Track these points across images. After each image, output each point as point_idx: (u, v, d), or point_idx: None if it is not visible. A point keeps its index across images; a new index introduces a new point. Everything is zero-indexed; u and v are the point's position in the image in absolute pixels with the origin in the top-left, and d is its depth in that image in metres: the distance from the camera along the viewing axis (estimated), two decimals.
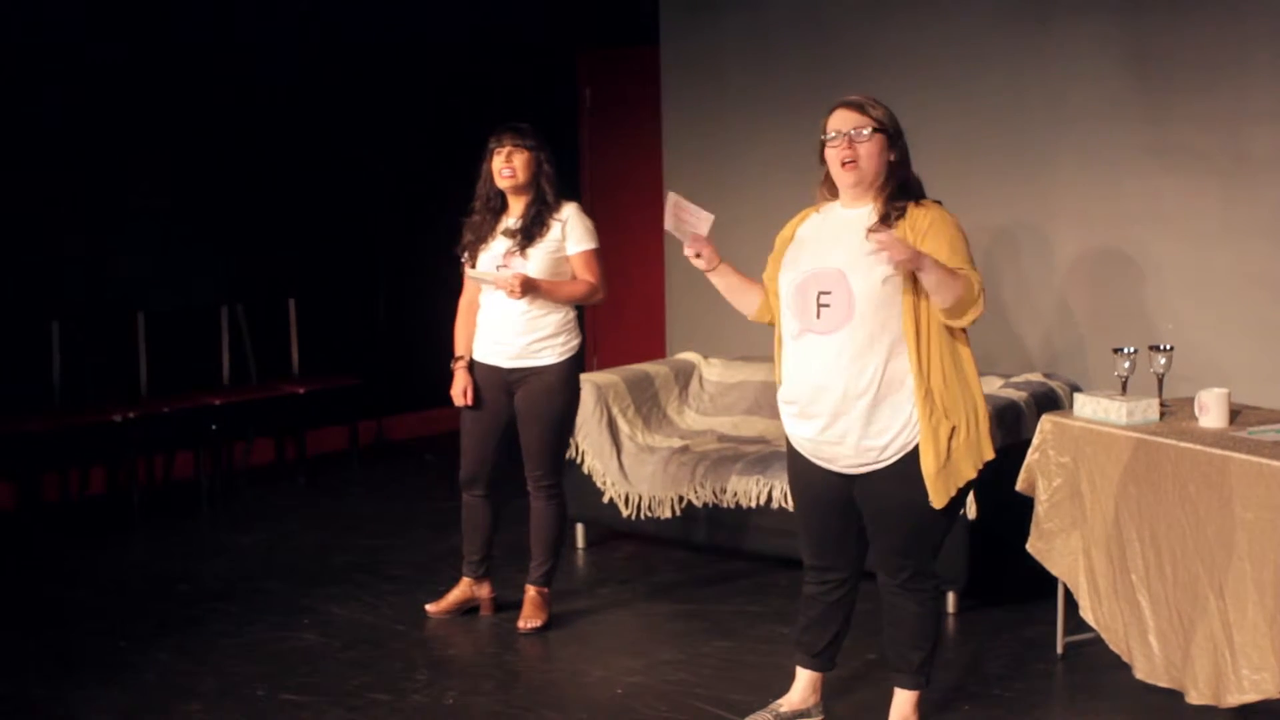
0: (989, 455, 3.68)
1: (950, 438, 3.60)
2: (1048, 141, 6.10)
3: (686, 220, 3.79)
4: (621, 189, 9.02)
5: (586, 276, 4.79)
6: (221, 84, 7.52)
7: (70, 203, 6.97)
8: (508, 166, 4.74)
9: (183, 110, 7.36)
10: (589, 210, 5.05)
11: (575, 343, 4.85)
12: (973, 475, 3.65)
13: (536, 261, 4.72)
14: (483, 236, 4.84)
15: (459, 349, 4.95)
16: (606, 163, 9.15)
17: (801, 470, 3.82)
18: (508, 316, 4.75)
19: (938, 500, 3.60)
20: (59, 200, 6.93)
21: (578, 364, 4.87)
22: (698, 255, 3.80)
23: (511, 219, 4.81)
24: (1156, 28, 5.76)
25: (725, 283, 3.87)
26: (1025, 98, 6.14)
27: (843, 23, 6.69)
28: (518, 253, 4.73)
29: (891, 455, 3.62)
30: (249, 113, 7.65)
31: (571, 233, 4.77)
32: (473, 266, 4.85)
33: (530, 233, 4.74)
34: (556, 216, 4.77)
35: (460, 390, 4.88)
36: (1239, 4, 5.56)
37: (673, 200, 3.78)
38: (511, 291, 4.61)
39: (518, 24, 8.85)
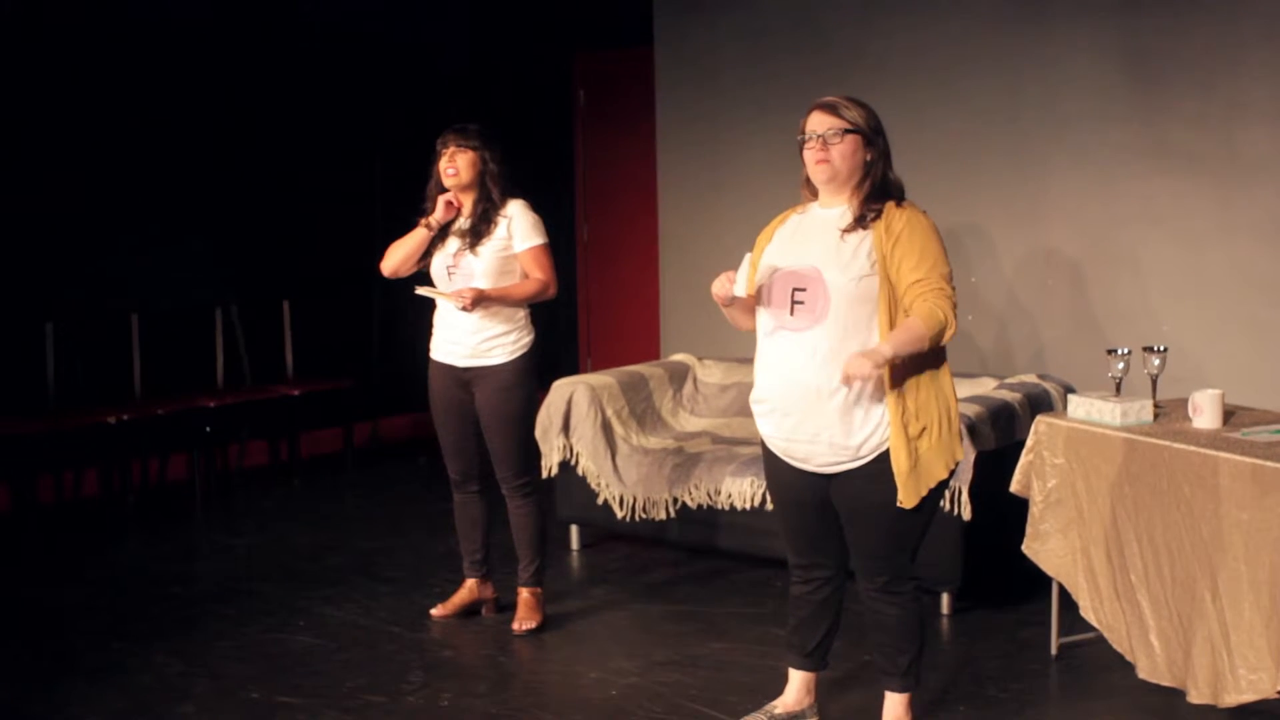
0: (960, 455, 3.70)
1: (920, 437, 3.60)
2: (1042, 142, 6.11)
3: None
4: (617, 190, 9.02)
5: (536, 273, 4.81)
6: (217, 85, 7.52)
7: (65, 204, 6.96)
8: (451, 166, 4.80)
9: (178, 112, 7.36)
10: (583, 210, 5.06)
11: (527, 339, 4.86)
12: (944, 475, 3.66)
13: (486, 259, 4.75)
14: (436, 237, 4.87)
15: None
16: (601, 164, 9.15)
17: (777, 470, 3.83)
18: (459, 315, 4.77)
19: (908, 500, 3.61)
20: (54, 202, 6.92)
21: (531, 360, 4.88)
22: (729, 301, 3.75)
23: (461, 219, 4.84)
24: (1151, 29, 5.77)
25: (732, 311, 3.84)
26: (1020, 99, 6.15)
27: (837, 24, 6.69)
28: (468, 251, 4.76)
29: (866, 455, 3.63)
30: (245, 114, 7.65)
31: (517, 230, 4.80)
32: (428, 267, 4.89)
33: (478, 231, 4.79)
34: (502, 214, 4.80)
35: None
36: (1233, 6, 5.57)
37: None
38: (464, 306, 4.65)
39: (513, 26, 8.85)
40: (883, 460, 3.62)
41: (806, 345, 3.62)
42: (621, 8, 8.23)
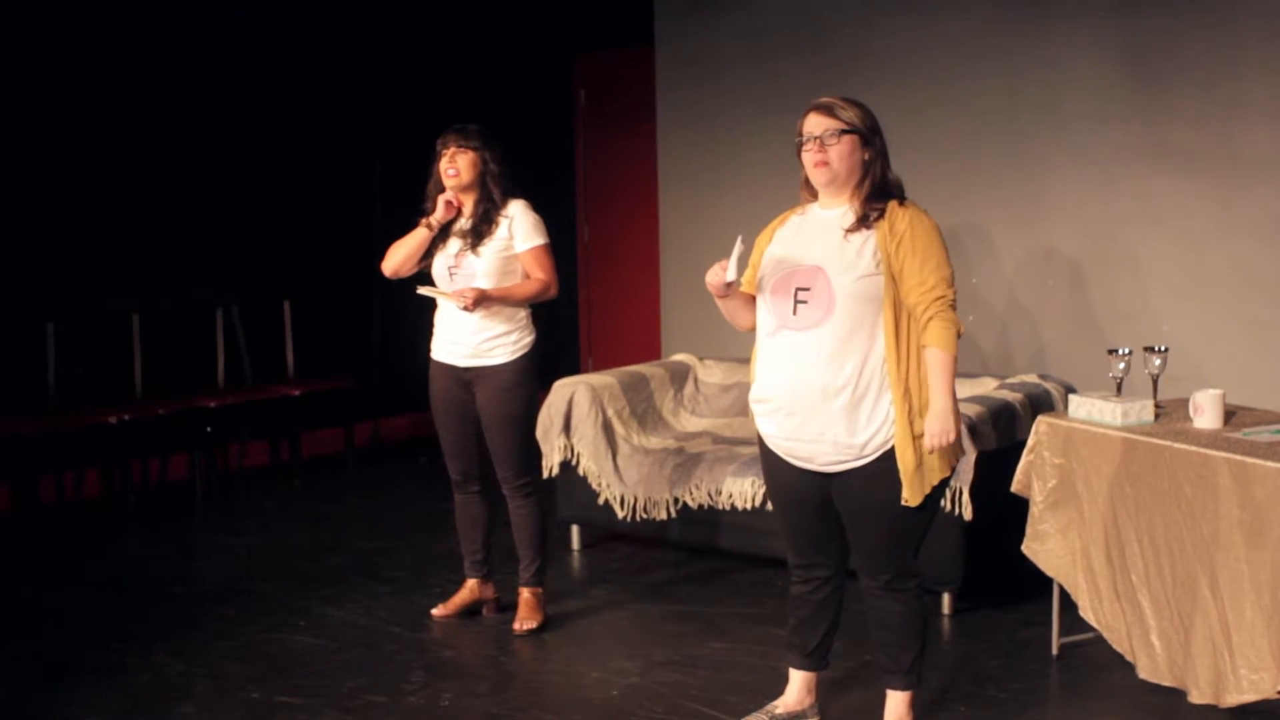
0: (962, 453, 3.73)
1: (924, 434, 3.61)
2: (1043, 142, 6.11)
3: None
4: (617, 190, 9.03)
5: (537, 273, 4.81)
6: (217, 85, 7.52)
7: (66, 204, 6.96)
8: (452, 166, 4.80)
9: (179, 111, 7.36)
10: (584, 210, 5.06)
11: (528, 340, 4.86)
12: (948, 473, 3.67)
13: (488, 259, 4.76)
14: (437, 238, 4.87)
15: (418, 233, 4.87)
16: (602, 164, 9.16)
17: (777, 469, 3.83)
18: (461, 315, 4.78)
19: (913, 497, 3.62)
20: (54, 202, 6.93)
21: (532, 360, 4.88)
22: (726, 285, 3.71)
23: (463, 219, 4.84)
24: (1152, 29, 5.77)
25: (730, 305, 3.85)
26: (1021, 98, 6.15)
27: (838, 24, 6.69)
28: (469, 251, 4.76)
29: (870, 453, 3.63)
30: (245, 114, 7.65)
31: (518, 230, 4.80)
32: (429, 267, 4.89)
33: (479, 231, 4.79)
34: (503, 214, 4.80)
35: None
36: (1233, 5, 5.57)
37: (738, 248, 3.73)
38: (465, 306, 4.65)
39: (513, 26, 8.85)
40: (887, 458, 3.62)
41: (811, 345, 3.62)
42: (621, 8, 8.24)
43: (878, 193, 3.67)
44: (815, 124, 3.68)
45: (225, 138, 7.57)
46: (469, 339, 4.80)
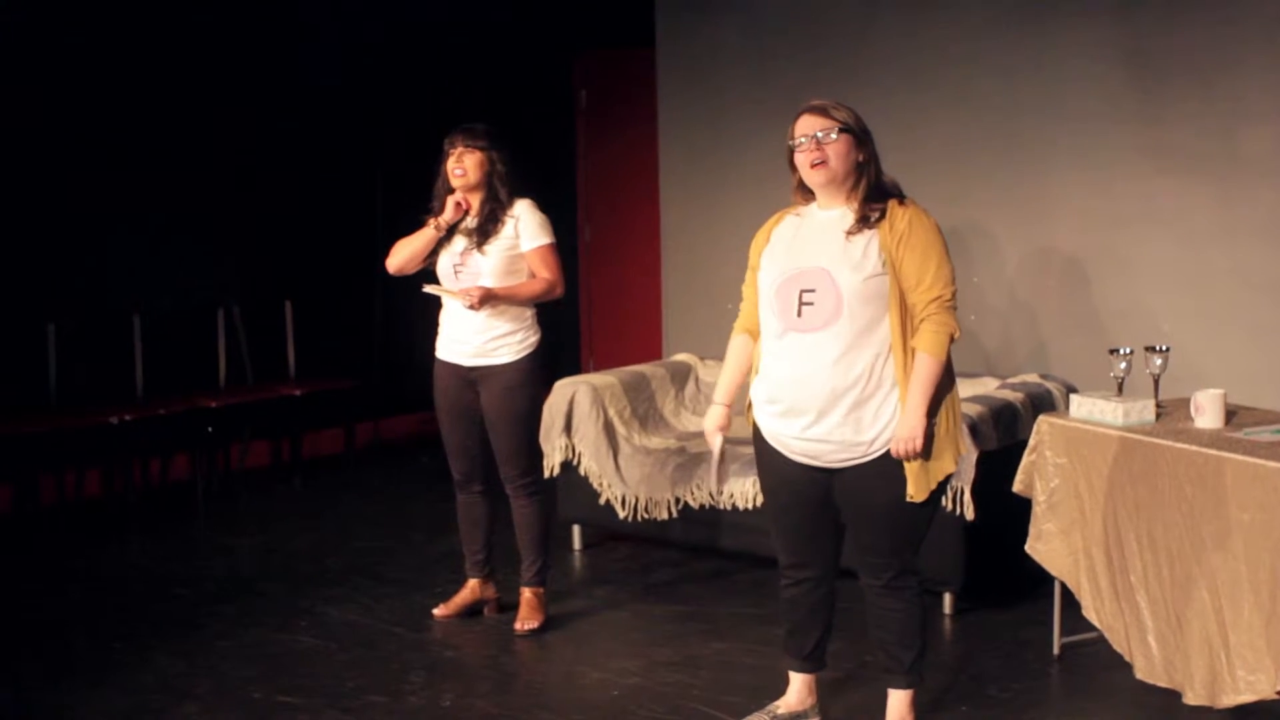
0: (963, 449, 3.76)
1: (929, 430, 3.62)
2: (1043, 143, 6.11)
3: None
4: (617, 191, 9.02)
5: (543, 272, 4.81)
6: (218, 85, 7.52)
7: (66, 204, 6.96)
8: (459, 166, 4.79)
9: (179, 110, 7.36)
10: (585, 210, 5.05)
11: (533, 339, 4.87)
12: (952, 468, 3.69)
13: (494, 258, 4.76)
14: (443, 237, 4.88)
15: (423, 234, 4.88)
16: (602, 164, 9.15)
17: (778, 468, 3.83)
18: (466, 314, 4.78)
19: (919, 493, 3.63)
20: (55, 202, 6.92)
21: (537, 360, 4.88)
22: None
23: (469, 218, 4.85)
24: (1152, 29, 5.77)
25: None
26: (1021, 99, 6.15)
27: (838, 25, 6.69)
28: (475, 250, 4.77)
29: (877, 450, 3.64)
30: (245, 114, 7.65)
31: (524, 229, 4.80)
32: (434, 265, 4.89)
33: (485, 230, 4.79)
34: (509, 214, 4.80)
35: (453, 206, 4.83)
36: (1234, 6, 5.57)
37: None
38: (471, 305, 4.65)
39: (514, 25, 8.85)
40: (890, 455, 3.63)
41: (818, 346, 3.63)
42: (621, 8, 8.23)
43: (875, 193, 3.68)
44: (810, 124, 3.68)
45: (226, 136, 7.56)
46: (474, 338, 4.81)
